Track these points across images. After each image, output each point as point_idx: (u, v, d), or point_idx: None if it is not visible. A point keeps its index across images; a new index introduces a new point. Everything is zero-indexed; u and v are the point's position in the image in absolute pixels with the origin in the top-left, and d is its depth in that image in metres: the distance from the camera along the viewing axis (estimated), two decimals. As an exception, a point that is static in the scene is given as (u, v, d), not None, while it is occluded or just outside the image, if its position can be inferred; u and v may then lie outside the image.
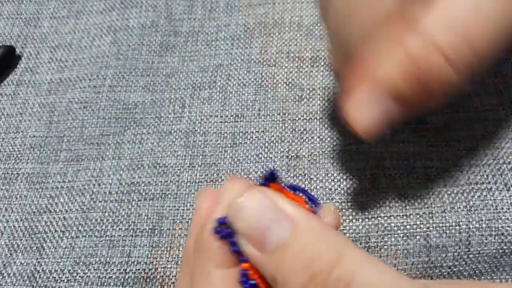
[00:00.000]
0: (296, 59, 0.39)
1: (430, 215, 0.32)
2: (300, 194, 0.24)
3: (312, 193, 0.32)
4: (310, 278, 0.18)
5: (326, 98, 0.37)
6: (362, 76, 0.24)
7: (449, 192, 0.32)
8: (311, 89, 0.38)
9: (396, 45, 0.23)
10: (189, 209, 0.34)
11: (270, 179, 0.23)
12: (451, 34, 0.21)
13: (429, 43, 0.22)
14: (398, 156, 0.34)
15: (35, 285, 0.32)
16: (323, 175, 0.34)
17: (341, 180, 0.34)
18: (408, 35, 0.22)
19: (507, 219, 0.31)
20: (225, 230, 0.21)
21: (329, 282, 0.17)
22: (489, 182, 0.32)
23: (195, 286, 0.22)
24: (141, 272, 0.32)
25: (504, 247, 0.30)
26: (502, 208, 0.31)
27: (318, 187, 0.34)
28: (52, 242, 0.34)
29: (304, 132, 0.36)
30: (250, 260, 0.20)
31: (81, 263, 0.33)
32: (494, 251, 0.30)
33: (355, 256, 0.18)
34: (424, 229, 0.31)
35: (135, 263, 0.33)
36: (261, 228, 0.19)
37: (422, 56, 0.22)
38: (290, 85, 0.38)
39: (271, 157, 0.35)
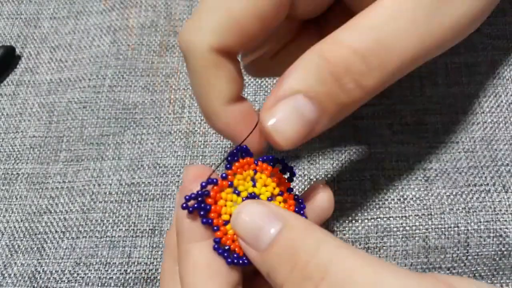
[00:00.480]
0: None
1: (429, 217, 0.32)
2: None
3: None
4: (291, 268, 0.20)
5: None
6: (279, 85, 0.23)
7: (448, 194, 0.33)
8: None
9: (311, 52, 0.23)
10: (189, 209, 0.34)
11: (236, 155, 0.25)
12: (366, 38, 0.22)
13: (343, 46, 0.22)
14: (398, 157, 0.34)
15: (36, 285, 0.32)
16: (323, 175, 0.35)
17: (341, 181, 0.34)
18: (323, 43, 0.23)
19: (505, 220, 0.31)
20: (194, 205, 0.23)
21: (306, 271, 0.20)
22: (488, 184, 0.33)
23: (180, 269, 0.24)
24: (142, 273, 0.32)
25: (503, 249, 0.31)
26: (501, 210, 0.32)
27: (317, 188, 0.34)
28: (52, 243, 0.34)
29: (304, 133, 0.36)
30: (251, 261, 0.23)
31: (81, 264, 0.33)
32: (493, 252, 0.31)
33: (332, 248, 0.20)
34: (423, 230, 0.32)
35: (136, 263, 0.33)
36: (254, 230, 0.22)
37: (337, 57, 0.22)
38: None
39: (271, 158, 0.35)
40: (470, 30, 0.25)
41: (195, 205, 0.23)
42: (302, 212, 0.25)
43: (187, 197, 0.23)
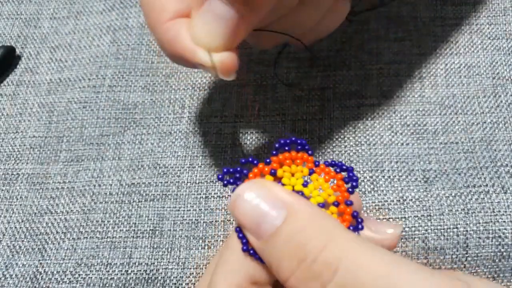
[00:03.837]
0: (296, 60, 0.39)
1: (429, 218, 0.32)
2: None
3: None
4: (298, 263, 0.18)
5: (325, 99, 0.37)
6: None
7: (447, 195, 0.33)
8: (310, 89, 0.38)
9: None
10: (190, 210, 0.34)
11: (287, 145, 0.23)
12: None
13: None
14: (397, 158, 0.35)
15: (37, 286, 0.33)
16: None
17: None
18: None
19: (504, 222, 0.31)
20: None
21: (315, 267, 0.18)
22: (487, 185, 0.33)
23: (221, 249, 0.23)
24: (143, 273, 0.33)
25: (502, 250, 0.31)
26: (500, 211, 0.32)
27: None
28: (53, 244, 0.34)
29: (304, 132, 0.36)
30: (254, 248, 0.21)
31: (83, 265, 0.33)
32: (492, 253, 0.31)
33: (345, 241, 0.18)
34: (423, 231, 0.32)
35: (137, 264, 0.33)
36: (256, 218, 0.20)
37: None
38: (290, 85, 0.38)
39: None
40: None
41: (230, 180, 0.22)
42: (357, 233, 0.22)
43: (224, 170, 0.22)
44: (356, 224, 0.22)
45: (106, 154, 0.37)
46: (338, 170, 0.23)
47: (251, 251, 0.21)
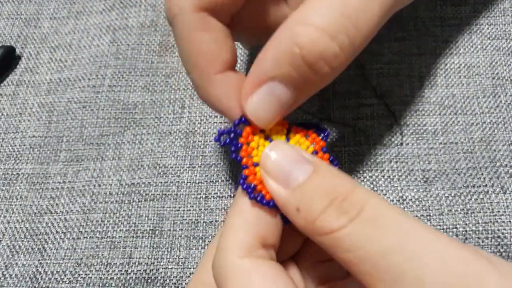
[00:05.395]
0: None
1: (428, 218, 0.32)
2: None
3: None
4: (330, 202, 0.21)
5: (325, 99, 0.37)
6: (256, 70, 0.25)
7: (446, 195, 0.33)
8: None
9: (283, 35, 0.24)
10: (189, 210, 0.35)
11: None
12: (334, 16, 0.23)
13: (313, 28, 0.23)
14: (397, 158, 0.35)
15: (37, 286, 0.33)
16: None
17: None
18: (293, 27, 0.23)
19: (504, 222, 0.31)
20: (226, 140, 0.25)
21: (346, 204, 0.21)
22: (486, 185, 0.33)
23: (228, 214, 0.25)
24: (142, 273, 0.33)
25: (501, 250, 0.31)
26: (499, 211, 0.32)
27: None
28: (53, 244, 0.34)
29: (303, 133, 0.36)
30: (275, 199, 0.23)
31: (82, 265, 0.33)
32: (491, 253, 0.31)
33: (367, 191, 0.22)
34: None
35: (136, 264, 0.33)
36: (286, 169, 0.23)
37: (309, 42, 0.23)
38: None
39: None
40: None
41: (227, 140, 0.24)
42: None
43: (219, 131, 0.25)
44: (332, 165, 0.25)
45: (106, 154, 0.37)
46: (306, 128, 0.26)
47: (258, 198, 0.23)
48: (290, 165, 0.23)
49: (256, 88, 0.24)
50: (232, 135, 0.25)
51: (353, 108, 0.37)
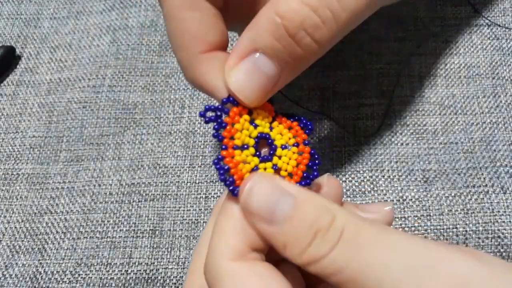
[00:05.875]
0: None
1: (428, 217, 0.32)
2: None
3: None
4: (314, 235, 0.22)
5: (325, 99, 0.37)
6: (239, 44, 0.24)
7: (446, 195, 0.33)
8: (310, 89, 0.38)
9: (266, 10, 0.24)
10: (189, 209, 0.35)
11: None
12: None
13: (296, 0, 0.23)
14: (397, 158, 0.35)
15: (37, 286, 0.33)
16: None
17: (340, 181, 0.34)
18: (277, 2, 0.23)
19: (504, 222, 0.31)
20: (211, 116, 0.24)
21: (329, 233, 0.22)
22: (486, 185, 0.33)
23: (218, 217, 0.25)
24: (142, 273, 0.33)
25: (501, 250, 0.31)
26: (499, 211, 0.32)
27: (317, 189, 0.34)
28: (53, 244, 0.34)
29: (303, 133, 0.36)
30: (263, 236, 0.23)
31: (82, 264, 0.33)
32: (491, 254, 0.31)
33: (346, 214, 0.22)
34: (422, 231, 0.32)
35: (136, 264, 0.33)
36: (269, 207, 0.22)
37: (290, 12, 0.23)
38: (290, 85, 0.38)
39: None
40: None
41: (212, 117, 0.24)
42: (315, 167, 0.25)
43: (206, 107, 0.24)
44: (313, 160, 0.25)
45: (106, 154, 0.37)
46: (290, 119, 0.26)
47: (228, 182, 0.23)
48: (271, 202, 0.23)
49: (240, 61, 0.24)
50: (218, 112, 0.24)
51: (353, 108, 0.37)
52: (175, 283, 0.32)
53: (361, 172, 0.34)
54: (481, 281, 0.19)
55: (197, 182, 0.36)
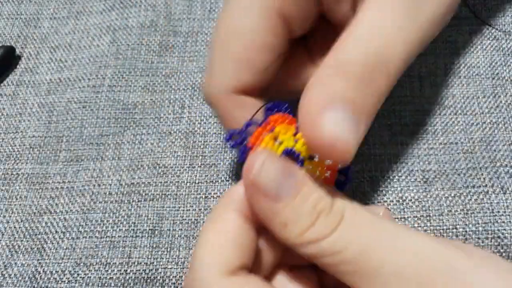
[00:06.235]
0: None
1: (428, 218, 0.32)
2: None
3: None
4: (317, 216, 0.23)
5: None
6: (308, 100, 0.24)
7: (446, 195, 0.33)
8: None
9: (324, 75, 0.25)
10: (189, 209, 0.35)
11: (277, 107, 0.26)
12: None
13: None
14: (397, 158, 0.35)
15: (36, 286, 0.33)
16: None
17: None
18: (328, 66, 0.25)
19: (504, 222, 0.31)
20: (236, 141, 0.25)
21: (331, 215, 0.23)
22: (486, 185, 0.33)
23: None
24: (142, 273, 0.33)
25: (501, 250, 0.31)
26: (499, 212, 0.32)
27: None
28: (53, 243, 0.34)
29: (303, 133, 0.36)
30: (262, 213, 0.24)
31: (82, 264, 0.33)
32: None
33: (344, 198, 0.24)
34: (422, 232, 0.32)
35: (136, 263, 0.33)
36: (276, 183, 0.23)
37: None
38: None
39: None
40: (446, 21, 0.27)
41: (237, 141, 0.25)
42: (349, 171, 0.26)
43: (231, 131, 0.25)
44: (344, 175, 0.27)
45: (106, 154, 0.37)
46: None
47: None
48: (279, 180, 0.23)
49: (324, 111, 0.22)
50: (244, 135, 0.25)
51: (353, 108, 0.36)
52: (174, 283, 0.32)
53: (361, 172, 0.34)
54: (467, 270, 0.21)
55: (196, 182, 0.36)
